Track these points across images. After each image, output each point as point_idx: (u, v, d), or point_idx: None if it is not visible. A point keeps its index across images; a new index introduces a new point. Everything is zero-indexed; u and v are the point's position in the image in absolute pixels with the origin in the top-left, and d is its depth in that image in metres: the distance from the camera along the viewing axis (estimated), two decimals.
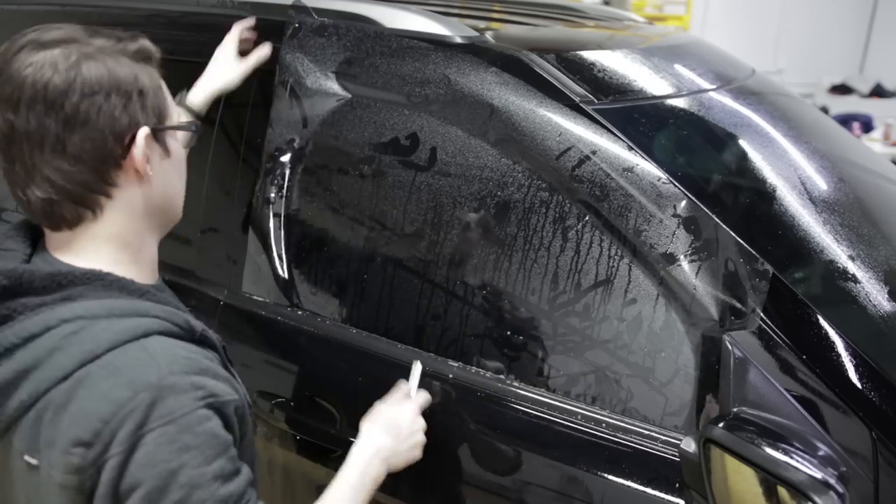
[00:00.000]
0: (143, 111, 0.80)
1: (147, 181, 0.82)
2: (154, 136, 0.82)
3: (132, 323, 0.77)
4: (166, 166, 0.85)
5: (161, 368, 0.74)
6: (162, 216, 0.88)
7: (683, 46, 1.60)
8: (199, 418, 0.74)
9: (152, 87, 0.82)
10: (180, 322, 0.81)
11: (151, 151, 0.82)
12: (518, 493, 1.13)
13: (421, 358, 1.22)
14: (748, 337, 0.98)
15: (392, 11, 1.31)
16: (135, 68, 0.80)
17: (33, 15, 1.76)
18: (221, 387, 0.79)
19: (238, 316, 1.39)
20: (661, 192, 1.07)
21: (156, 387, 0.72)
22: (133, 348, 0.75)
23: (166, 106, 0.85)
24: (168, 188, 0.87)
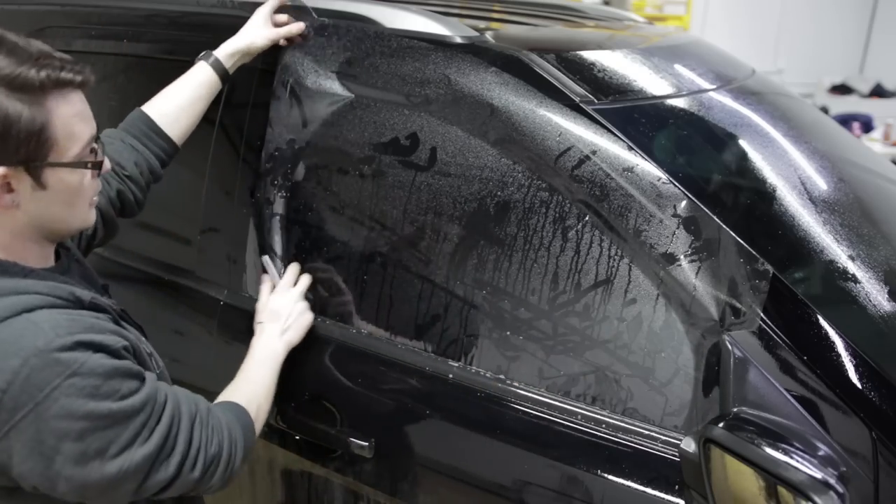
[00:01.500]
0: None
1: (13, 208, 0.85)
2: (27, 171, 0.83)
3: (13, 300, 0.81)
4: (41, 196, 0.86)
5: (47, 333, 0.79)
6: (44, 233, 0.91)
7: (683, 46, 1.60)
8: (97, 361, 0.81)
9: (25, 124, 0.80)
10: (64, 294, 0.86)
11: (19, 184, 0.83)
12: (518, 493, 1.13)
13: (421, 358, 1.22)
14: (748, 337, 0.98)
15: (392, 11, 1.31)
16: (5, 104, 0.79)
17: (33, 15, 1.76)
18: (110, 337, 0.85)
19: (238, 316, 1.39)
20: (661, 192, 1.07)
21: (44, 350, 0.78)
22: (17, 321, 0.79)
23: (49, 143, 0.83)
24: (43, 216, 0.88)
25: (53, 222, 0.90)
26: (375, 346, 1.26)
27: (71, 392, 0.78)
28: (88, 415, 0.79)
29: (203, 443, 0.93)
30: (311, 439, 1.29)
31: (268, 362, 1.18)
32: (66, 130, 0.85)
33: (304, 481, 1.35)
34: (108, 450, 0.82)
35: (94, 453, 0.81)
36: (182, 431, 0.90)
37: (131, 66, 1.60)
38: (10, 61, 0.80)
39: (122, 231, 1.62)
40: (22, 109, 0.80)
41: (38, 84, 0.80)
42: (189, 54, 1.39)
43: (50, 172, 0.85)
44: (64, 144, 0.85)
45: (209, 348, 1.42)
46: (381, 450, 1.23)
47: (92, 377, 0.80)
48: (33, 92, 0.81)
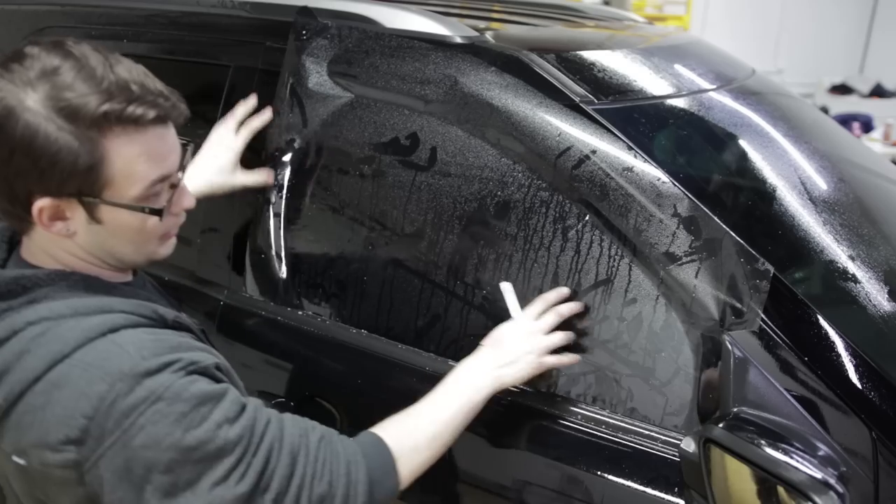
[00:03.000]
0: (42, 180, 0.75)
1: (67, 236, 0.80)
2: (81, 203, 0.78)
3: (98, 320, 0.77)
4: (98, 230, 0.81)
5: (133, 356, 0.74)
6: (110, 262, 0.86)
7: (683, 46, 1.60)
8: (183, 386, 0.75)
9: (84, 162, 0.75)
10: (148, 313, 0.82)
11: (72, 213, 0.79)
12: (518, 493, 1.13)
13: (421, 358, 1.22)
14: (748, 337, 0.98)
15: (392, 11, 1.31)
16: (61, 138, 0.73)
17: (33, 15, 1.76)
18: (198, 354, 0.80)
19: (238, 316, 1.39)
20: (661, 192, 1.07)
21: (130, 375, 0.73)
22: (102, 343, 0.75)
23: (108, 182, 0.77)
24: (103, 247, 0.83)
25: (115, 255, 0.85)
26: (375, 346, 1.26)
27: (157, 419, 0.73)
28: (175, 445, 0.73)
29: (307, 481, 0.81)
30: None
31: (460, 397, 0.98)
32: (126, 170, 0.78)
33: None
34: (199, 483, 0.74)
35: (184, 485, 0.74)
36: (280, 467, 0.79)
37: None
38: (79, 89, 0.74)
39: None
40: (74, 143, 0.74)
41: (97, 118, 0.74)
42: (189, 54, 1.39)
43: (105, 209, 0.79)
44: (122, 183, 0.78)
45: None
46: None
47: (178, 402, 0.74)
48: (90, 125, 0.74)
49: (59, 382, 0.73)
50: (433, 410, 0.96)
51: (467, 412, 0.98)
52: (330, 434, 0.86)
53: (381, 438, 0.89)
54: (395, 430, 0.92)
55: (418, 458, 0.92)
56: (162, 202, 0.83)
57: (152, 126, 0.78)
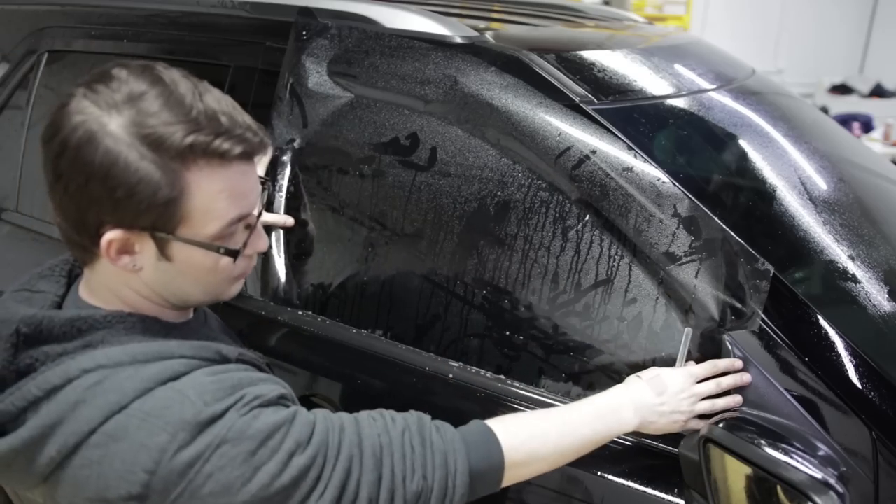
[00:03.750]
0: (116, 211, 0.71)
1: (133, 272, 0.76)
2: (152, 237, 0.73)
3: (158, 368, 0.72)
4: (167, 268, 0.76)
5: (195, 403, 0.70)
6: (173, 298, 0.81)
7: (683, 46, 1.60)
8: (247, 423, 0.71)
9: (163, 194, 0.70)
10: (210, 354, 0.77)
11: (142, 247, 0.74)
12: (518, 493, 1.13)
13: (421, 358, 1.22)
14: (748, 337, 0.98)
15: (392, 11, 1.31)
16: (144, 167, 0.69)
17: (33, 15, 1.76)
18: (262, 388, 0.75)
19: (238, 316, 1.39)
20: (661, 192, 1.07)
21: (193, 423, 0.69)
22: (161, 391, 0.71)
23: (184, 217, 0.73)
24: (169, 287, 0.79)
25: (178, 295, 0.80)
26: (375, 346, 1.26)
27: (223, 464, 0.68)
28: (247, 489, 0.69)
29: (399, 481, 0.76)
30: None
31: (601, 420, 0.91)
32: (206, 206, 0.73)
33: None
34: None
35: None
36: (365, 473, 0.75)
37: None
38: (166, 117, 0.70)
39: None
40: (155, 173, 0.69)
41: (182, 149, 0.70)
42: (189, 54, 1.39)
43: (178, 246, 0.74)
44: (199, 220, 0.73)
45: None
46: None
47: (244, 441, 0.69)
48: (174, 157, 0.70)
49: (117, 435, 0.68)
50: (566, 422, 0.89)
51: (599, 440, 0.91)
52: (418, 423, 0.81)
53: (490, 429, 0.83)
54: (514, 427, 0.84)
55: (528, 466, 0.86)
56: (238, 242, 0.78)
57: (237, 162, 0.74)
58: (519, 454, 0.83)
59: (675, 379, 0.97)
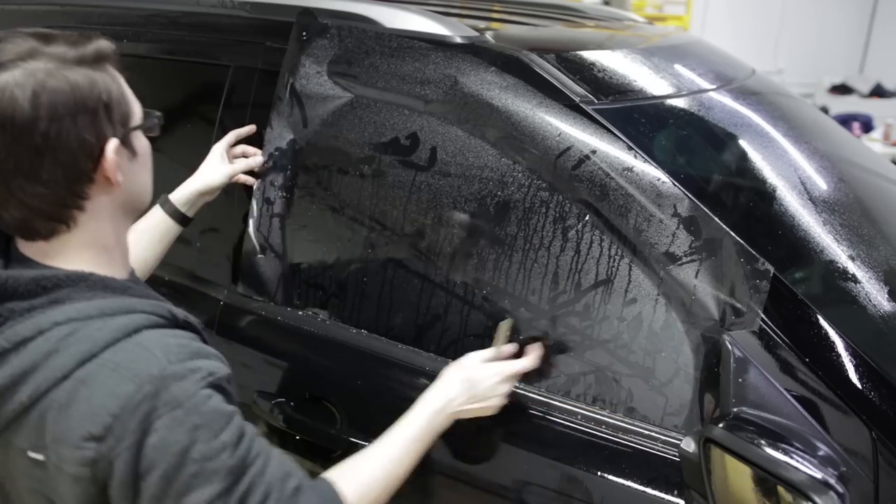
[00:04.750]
0: (109, 122, 0.81)
1: (118, 186, 0.84)
2: (122, 142, 0.83)
3: (123, 321, 0.80)
4: (134, 166, 0.87)
5: (160, 359, 0.77)
6: (132, 211, 0.91)
7: (683, 46, 1.60)
8: (202, 398, 0.78)
9: (116, 93, 0.82)
10: (164, 313, 0.85)
11: (121, 157, 0.83)
12: (518, 493, 1.13)
13: (421, 358, 1.22)
14: (748, 337, 0.98)
15: (392, 11, 1.31)
16: (96, 78, 0.80)
17: (33, 15, 1.76)
18: (214, 364, 0.83)
19: (238, 316, 1.39)
20: (661, 192, 1.07)
21: (158, 378, 0.76)
22: (129, 344, 0.78)
23: (129, 107, 0.85)
24: (137, 186, 0.89)
25: (142, 193, 0.90)
26: (375, 346, 1.26)
27: (172, 425, 0.76)
28: (180, 453, 0.76)
29: None
30: (311, 439, 1.29)
31: (417, 444, 1.00)
32: (130, 95, 0.86)
33: None
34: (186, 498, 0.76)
35: (173, 495, 0.76)
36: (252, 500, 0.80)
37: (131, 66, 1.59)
38: (67, 45, 0.79)
39: None
40: (107, 79, 0.81)
41: (105, 55, 0.81)
42: (189, 54, 1.39)
43: (135, 138, 0.86)
44: (134, 108, 0.86)
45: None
46: None
47: (195, 414, 0.77)
48: (103, 63, 0.81)
49: (88, 380, 0.76)
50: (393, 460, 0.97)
51: (421, 452, 1.01)
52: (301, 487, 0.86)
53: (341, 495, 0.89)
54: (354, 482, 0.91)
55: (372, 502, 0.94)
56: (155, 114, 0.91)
57: None
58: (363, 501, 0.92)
59: (488, 379, 1.06)
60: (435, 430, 1.03)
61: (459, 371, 1.07)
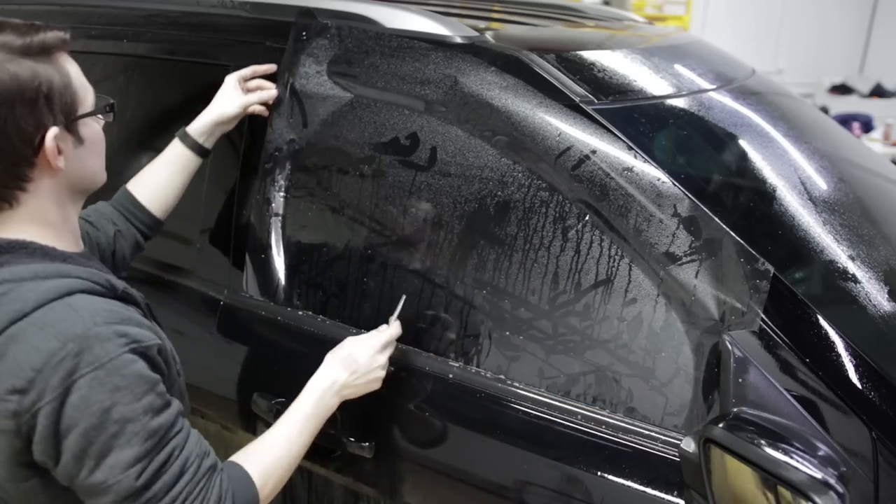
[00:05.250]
0: (49, 112, 0.85)
1: (61, 171, 0.88)
2: (66, 129, 0.87)
3: (56, 283, 0.83)
4: (81, 152, 0.91)
5: (86, 320, 0.81)
6: (81, 192, 0.95)
7: (683, 46, 1.60)
8: (125, 361, 0.82)
9: (59, 84, 0.85)
10: (101, 281, 0.88)
11: (64, 143, 0.87)
12: (518, 493, 1.13)
13: (421, 358, 1.22)
14: (748, 337, 0.98)
15: (392, 11, 1.31)
16: (38, 69, 0.83)
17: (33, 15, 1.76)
18: (144, 332, 0.86)
19: (238, 316, 1.39)
20: (661, 192, 1.07)
21: (82, 337, 0.80)
22: (59, 305, 0.82)
23: (76, 96, 0.88)
24: (84, 170, 0.92)
25: (90, 177, 0.94)
26: None
27: (94, 385, 0.79)
28: (100, 412, 0.80)
29: (183, 496, 0.85)
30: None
31: (311, 422, 1.07)
32: (80, 83, 0.90)
33: (304, 481, 1.35)
34: (107, 458, 0.81)
35: (93, 454, 0.81)
36: (167, 475, 0.85)
37: (131, 66, 1.60)
38: (15, 35, 0.83)
39: None
40: (52, 72, 0.85)
41: (51, 46, 0.85)
42: (189, 54, 1.39)
43: (82, 125, 0.90)
44: (83, 96, 0.90)
45: (209, 348, 1.42)
46: (381, 450, 1.23)
47: (116, 376, 0.80)
48: (50, 54, 0.85)
49: (16, 338, 0.79)
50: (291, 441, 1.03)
51: (314, 433, 1.07)
52: (217, 466, 0.91)
53: (249, 475, 0.95)
54: (261, 468, 0.97)
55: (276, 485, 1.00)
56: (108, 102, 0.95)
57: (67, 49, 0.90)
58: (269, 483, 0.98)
59: (365, 353, 1.12)
60: (325, 409, 1.08)
61: (337, 352, 1.13)
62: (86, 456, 0.80)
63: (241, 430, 1.38)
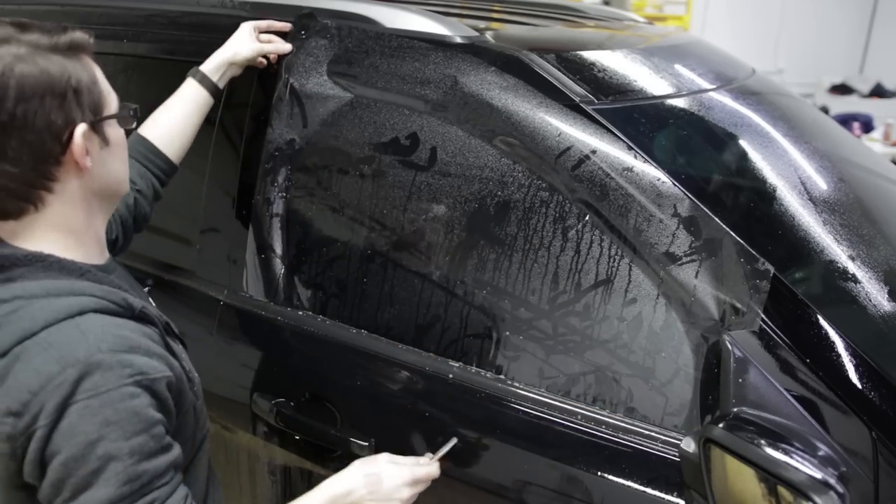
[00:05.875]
0: (78, 108, 0.83)
1: (88, 172, 0.86)
2: (93, 129, 0.85)
3: (68, 302, 0.80)
4: (106, 154, 0.89)
5: (90, 345, 0.78)
6: (106, 198, 0.93)
7: (683, 46, 1.60)
8: (122, 395, 0.78)
9: (87, 81, 0.84)
10: (117, 300, 0.85)
11: (91, 143, 0.86)
12: (518, 493, 1.13)
13: (421, 358, 1.22)
14: (748, 337, 0.98)
15: (392, 11, 1.31)
16: (67, 65, 0.82)
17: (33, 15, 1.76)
18: (153, 364, 0.82)
19: (238, 316, 1.39)
20: (661, 192, 1.07)
21: (83, 363, 0.76)
22: (67, 326, 0.79)
23: (102, 96, 0.87)
24: (110, 174, 0.91)
25: (116, 182, 0.92)
26: (375, 346, 1.26)
27: (85, 414, 0.76)
28: (85, 443, 0.76)
29: None
30: (311, 439, 1.29)
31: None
32: (105, 85, 0.89)
33: (304, 481, 1.35)
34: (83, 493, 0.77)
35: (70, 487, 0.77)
36: None
37: (131, 66, 1.60)
38: (43, 34, 0.82)
39: None
40: (80, 69, 0.84)
41: (78, 45, 0.84)
42: (189, 54, 1.39)
43: (108, 127, 0.88)
44: (108, 98, 0.89)
45: (209, 348, 1.42)
46: (381, 450, 1.22)
47: (109, 409, 0.77)
48: (78, 53, 0.84)
49: (21, 357, 0.77)
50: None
51: None
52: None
53: None
54: None
55: None
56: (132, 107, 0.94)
57: None
58: None
59: (392, 480, 1.03)
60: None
61: (367, 465, 1.04)
62: (63, 486, 0.77)
63: (241, 431, 1.38)
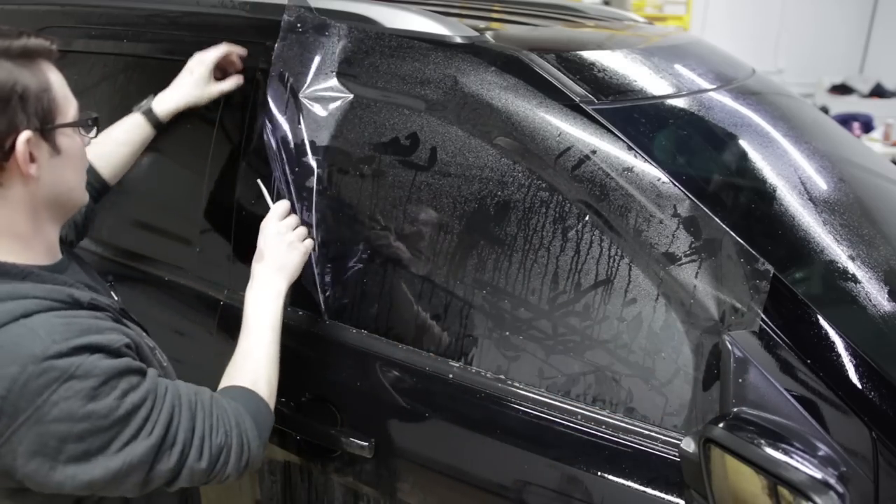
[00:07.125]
0: (24, 114, 0.82)
1: (34, 179, 0.86)
2: (42, 136, 0.85)
3: (10, 306, 0.81)
4: (56, 163, 0.88)
5: (44, 340, 0.79)
6: (58, 207, 0.92)
7: (683, 46, 1.60)
8: (92, 363, 0.81)
9: (36, 88, 0.84)
10: (61, 297, 0.86)
11: (39, 151, 0.85)
12: (518, 493, 1.13)
13: (421, 358, 1.22)
14: (748, 337, 0.98)
15: (392, 11, 1.31)
16: (15, 71, 0.82)
17: (33, 15, 1.76)
18: (107, 337, 0.85)
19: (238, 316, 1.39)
20: (661, 192, 1.07)
21: (41, 357, 0.78)
22: (15, 327, 0.80)
23: (54, 104, 0.86)
24: (60, 183, 0.90)
25: (67, 191, 0.92)
26: (375, 346, 1.26)
27: (69, 395, 0.78)
28: (88, 415, 0.80)
29: (206, 433, 0.91)
30: (311, 439, 1.29)
31: (264, 321, 1.12)
32: (62, 93, 0.88)
33: (304, 481, 1.35)
34: (111, 446, 0.82)
35: (96, 451, 0.81)
36: (183, 422, 0.89)
37: (131, 66, 1.60)
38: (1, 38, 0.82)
39: (122, 230, 1.63)
40: (29, 76, 0.83)
41: (32, 52, 0.84)
42: (189, 54, 1.39)
43: (60, 135, 0.87)
44: (64, 106, 0.88)
45: (209, 348, 1.42)
46: (381, 450, 1.23)
47: (89, 379, 0.80)
48: (32, 59, 0.84)
49: None
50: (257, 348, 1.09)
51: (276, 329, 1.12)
52: (216, 394, 0.97)
53: (246, 388, 1.02)
54: (249, 378, 1.03)
55: (273, 386, 1.07)
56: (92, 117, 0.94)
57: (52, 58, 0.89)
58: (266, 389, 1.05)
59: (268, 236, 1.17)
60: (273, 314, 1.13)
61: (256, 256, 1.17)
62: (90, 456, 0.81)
63: None
